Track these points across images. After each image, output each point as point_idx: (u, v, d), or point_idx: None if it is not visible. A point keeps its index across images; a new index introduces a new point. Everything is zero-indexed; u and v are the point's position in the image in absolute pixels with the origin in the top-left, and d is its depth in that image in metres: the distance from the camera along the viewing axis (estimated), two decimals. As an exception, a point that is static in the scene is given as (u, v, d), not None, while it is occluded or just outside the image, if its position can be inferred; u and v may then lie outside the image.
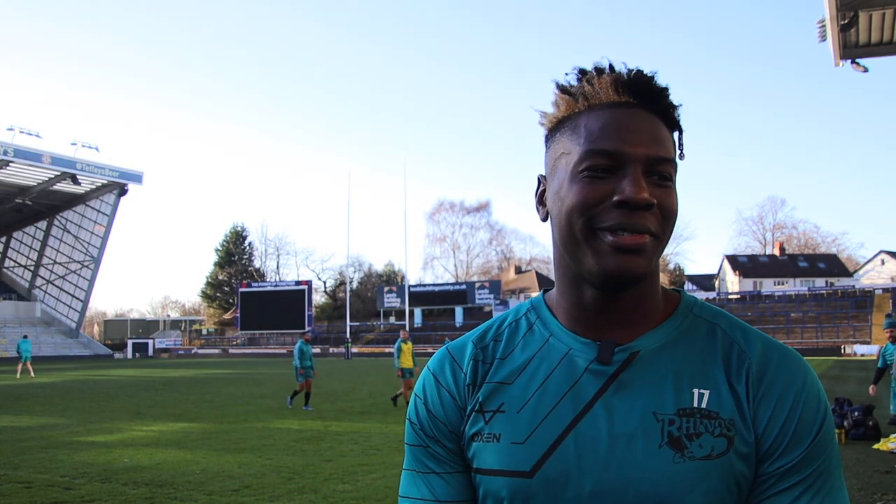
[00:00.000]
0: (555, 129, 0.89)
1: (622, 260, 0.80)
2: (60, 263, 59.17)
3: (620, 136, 0.82)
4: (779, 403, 0.81)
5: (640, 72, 0.85)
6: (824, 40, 8.78)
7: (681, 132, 0.88)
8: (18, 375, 26.81)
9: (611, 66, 0.86)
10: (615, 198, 0.80)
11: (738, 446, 0.80)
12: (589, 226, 0.81)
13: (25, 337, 28.84)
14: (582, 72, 0.87)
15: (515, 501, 0.82)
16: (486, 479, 0.85)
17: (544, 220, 0.91)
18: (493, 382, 0.89)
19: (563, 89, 0.87)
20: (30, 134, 48.44)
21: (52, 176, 51.20)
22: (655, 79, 0.85)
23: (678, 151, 0.87)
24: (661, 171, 0.82)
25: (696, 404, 0.81)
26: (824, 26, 8.60)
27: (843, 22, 8.29)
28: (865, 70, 9.13)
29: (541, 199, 0.93)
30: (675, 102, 0.86)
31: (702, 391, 0.82)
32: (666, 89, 0.85)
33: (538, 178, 0.94)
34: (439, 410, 0.91)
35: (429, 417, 0.92)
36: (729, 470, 0.79)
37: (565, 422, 0.83)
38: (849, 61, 9.07)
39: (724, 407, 0.81)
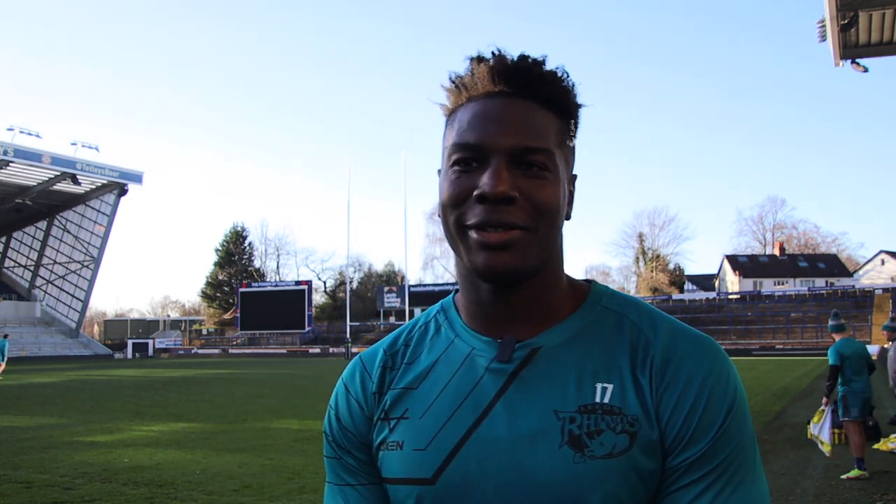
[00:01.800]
0: (446, 123, 0.87)
1: (489, 257, 0.77)
2: (60, 263, 59.14)
3: (484, 128, 0.79)
4: (683, 393, 0.77)
5: (522, 58, 0.80)
6: (824, 40, 8.78)
7: (574, 119, 0.84)
8: None
9: (493, 55, 0.81)
10: (475, 192, 0.77)
11: (641, 442, 0.76)
12: (459, 223, 0.79)
13: (5, 336, 27.26)
14: (471, 61, 0.83)
15: None
16: (393, 488, 0.84)
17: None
18: (398, 388, 0.87)
19: (451, 81, 0.84)
20: (30, 134, 48.46)
21: (52, 176, 51.18)
22: (536, 65, 0.80)
23: (569, 138, 0.84)
24: (532, 161, 0.78)
25: (598, 400, 0.78)
26: (824, 26, 8.60)
27: (843, 22, 8.29)
28: (865, 70, 9.13)
29: None
30: (567, 87, 0.82)
31: (605, 385, 0.79)
32: (547, 74, 0.80)
33: (437, 173, 0.90)
34: (348, 421, 0.89)
35: (340, 428, 0.90)
36: (631, 468, 0.75)
37: (466, 425, 0.80)
38: (849, 61, 9.08)
39: (628, 402, 0.78)
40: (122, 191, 55.17)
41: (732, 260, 69.16)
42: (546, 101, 0.81)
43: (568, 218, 0.86)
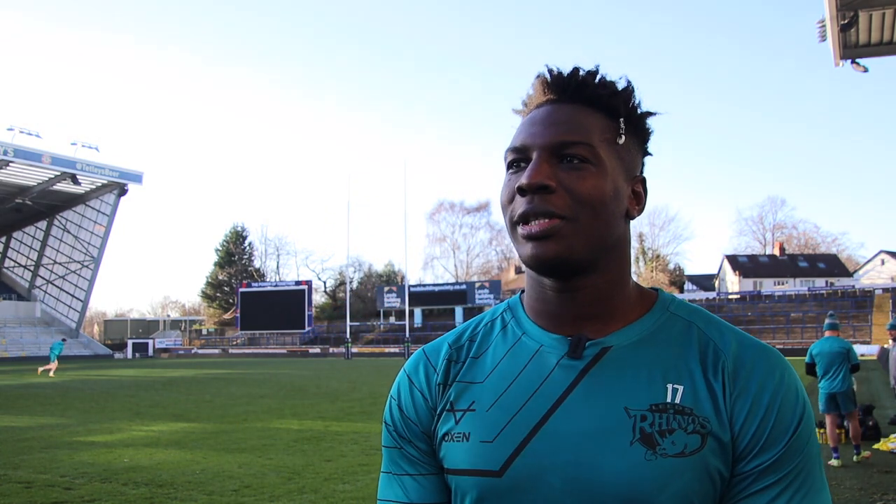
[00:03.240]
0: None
1: (534, 247, 0.81)
2: (60, 263, 59.16)
3: (528, 131, 0.85)
4: (755, 400, 0.80)
5: (573, 69, 0.87)
6: (824, 40, 8.79)
7: (625, 118, 0.88)
8: (44, 372, 27.87)
9: (549, 71, 0.88)
10: (516, 186, 0.83)
11: (712, 443, 0.78)
12: (511, 221, 0.85)
13: (63, 340, 30.13)
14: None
15: (486, 501, 0.81)
16: (457, 479, 0.84)
17: None
18: (463, 381, 0.89)
19: (522, 104, 0.92)
20: (30, 134, 48.44)
21: (52, 176, 51.19)
22: (584, 74, 0.86)
23: (618, 136, 0.87)
24: (571, 154, 0.83)
25: (669, 399, 0.80)
26: (824, 26, 8.60)
27: (843, 22, 8.29)
28: (865, 70, 9.13)
29: None
30: (617, 90, 0.86)
31: (676, 386, 0.81)
32: (590, 79, 0.86)
33: None
34: (411, 411, 0.91)
35: (402, 418, 0.92)
36: (703, 467, 0.77)
37: (535, 419, 0.81)
38: (849, 61, 9.08)
39: (700, 403, 0.80)
40: (122, 191, 55.17)
41: (732, 260, 69.12)
42: (589, 102, 0.86)
43: (631, 217, 0.89)
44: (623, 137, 0.87)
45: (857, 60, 9.08)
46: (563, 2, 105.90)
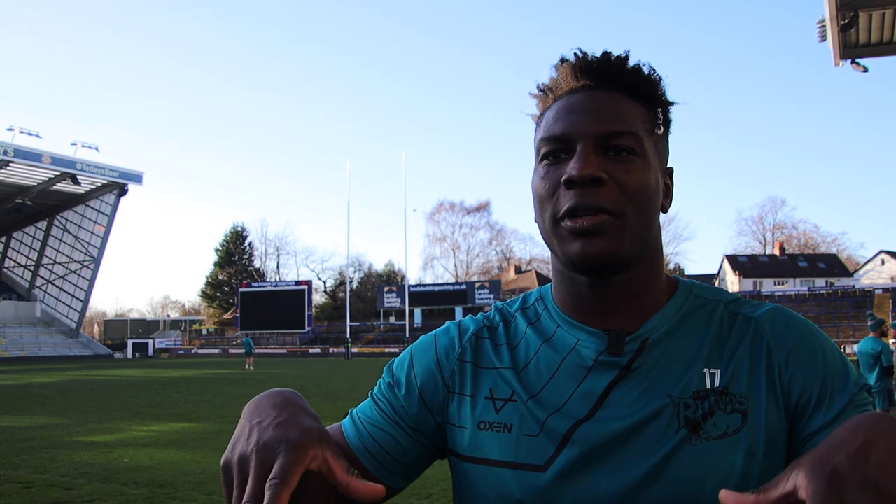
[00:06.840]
0: (535, 129, 0.89)
1: (582, 244, 0.78)
2: (60, 263, 59.12)
3: (569, 119, 0.81)
4: (807, 360, 0.80)
5: (604, 54, 0.83)
6: (824, 40, 8.80)
7: (662, 107, 0.86)
8: (249, 366, 32.46)
9: (576, 55, 0.84)
10: (563, 178, 0.79)
11: (753, 418, 0.78)
12: (554, 215, 0.80)
13: (247, 335, 32.89)
14: (556, 66, 0.87)
15: (531, 497, 0.79)
16: (492, 469, 0.82)
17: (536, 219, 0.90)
18: (499, 369, 0.87)
19: (538, 88, 0.88)
20: (30, 134, 48.45)
21: (52, 176, 51.16)
22: (617, 59, 0.83)
23: (657, 126, 0.85)
24: (618, 145, 0.79)
25: (709, 385, 0.80)
26: (824, 26, 8.61)
27: (843, 22, 8.30)
28: (865, 70, 9.14)
29: None
30: (653, 77, 0.84)
31: (713, 371, 0.81)
32: (628, 65, 0.83)
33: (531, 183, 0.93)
34: (424, 374, 0.90)
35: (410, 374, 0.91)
36: (746, 444, 0.77)
37: (579, 415, 0.80)
38: (849, 61, 9.09)
39: (737, 381, 0.80)
40: (122, 191, 55.13)
41: (732, 260, 69.11)
42: (629, 90, 0.83)
43: (664, 210, 0.87)
44: (662, 128, 0.86)
45: (857, 60, 9.10)
46: (564, 2, 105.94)
